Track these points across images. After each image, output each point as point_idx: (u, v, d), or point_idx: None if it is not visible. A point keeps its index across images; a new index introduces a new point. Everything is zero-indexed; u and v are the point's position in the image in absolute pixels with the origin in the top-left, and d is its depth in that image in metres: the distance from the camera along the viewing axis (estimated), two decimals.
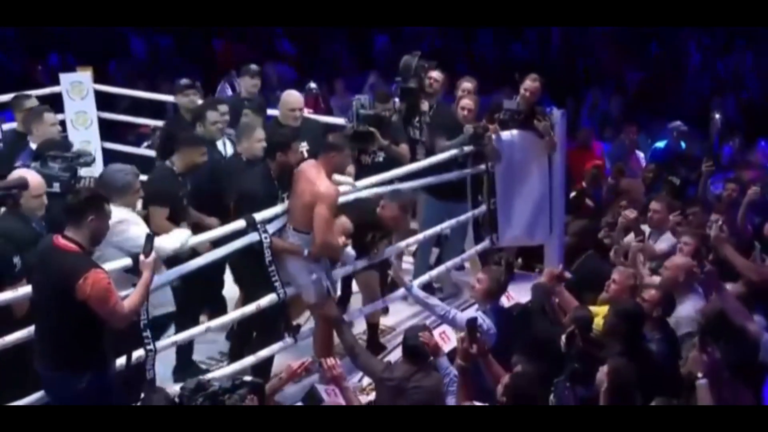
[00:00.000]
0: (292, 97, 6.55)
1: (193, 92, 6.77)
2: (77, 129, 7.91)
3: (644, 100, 10.58)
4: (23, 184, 4.57)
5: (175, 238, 4.82)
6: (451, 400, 4.63)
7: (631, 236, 6.28)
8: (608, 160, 8.65)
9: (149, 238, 4.35)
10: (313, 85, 9.03)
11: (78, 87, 8.02)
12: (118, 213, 4.56)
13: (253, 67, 7.22)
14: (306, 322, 5.79)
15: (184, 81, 6.88)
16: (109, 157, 8.15)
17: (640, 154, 8.88)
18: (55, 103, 7.96)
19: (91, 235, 4.15)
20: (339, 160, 5.31)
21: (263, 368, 5.31)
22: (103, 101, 8.44)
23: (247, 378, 4.33)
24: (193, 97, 6.74)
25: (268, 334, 5.42)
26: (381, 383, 4.76)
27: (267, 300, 5.26)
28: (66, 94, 7.99)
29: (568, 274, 5.53)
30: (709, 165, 6.83)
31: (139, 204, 5.24)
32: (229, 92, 9.46)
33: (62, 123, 8.01)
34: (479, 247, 6.86)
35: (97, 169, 7.62)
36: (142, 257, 4.31)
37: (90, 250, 4.18)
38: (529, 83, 6.70)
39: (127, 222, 4.66)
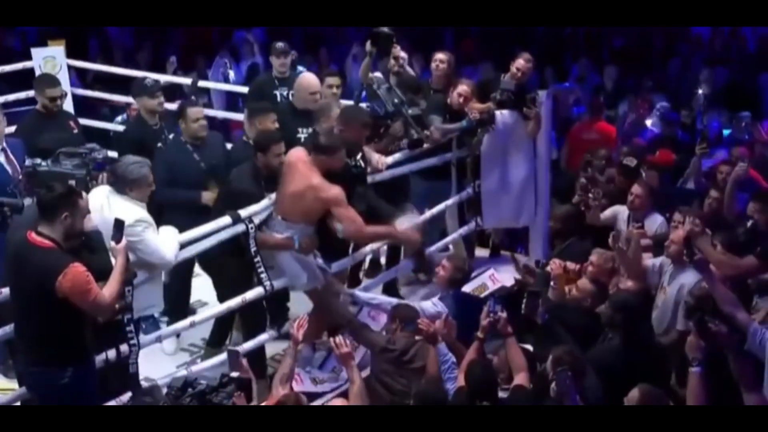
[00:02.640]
0: (311, 80, 6.17)
1: (161, 93, 6.25)
2: None
3: (630, 71, 10.32)
4: (17, 206, 4.64)
5: (171, 242, 4.74)
6: (450, 385, 4.70)
7: (610, 211, 6.28)
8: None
9: (119, 225, 4.31)
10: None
11: (51, 62, 7.75)
12: (134, 212, 4.56)
13: (279, 45, 6.89)
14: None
15: (149, 81, 6.31)
16: (85, 134, 7.97)
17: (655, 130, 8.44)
18: (28, 78, 7.75)
19: (65, 232, 4.13)
20: (329, 163, 5.16)
21: (258, 358, 5.32)
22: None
23: (234, 374, 4.36)
24: (161, 99, 6.22)
25: (255, 327, 5.38)
26: (382, 354, 4.84)
27: (253, 293, 5.21)
28: (39, 70, 7.70)
29: None
30: (703, 147, 6.67)
31: None
32: (229, 70, 9.24)
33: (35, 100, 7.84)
34: (463, 230, 6.80)
35: None
36: (113, 243, 4.28)
37: (64, 246, 4.13)
38: (523, 63, 6.57)
39: (143, 224, 4.59)
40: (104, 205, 4.61)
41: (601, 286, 5.34)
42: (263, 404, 4.42)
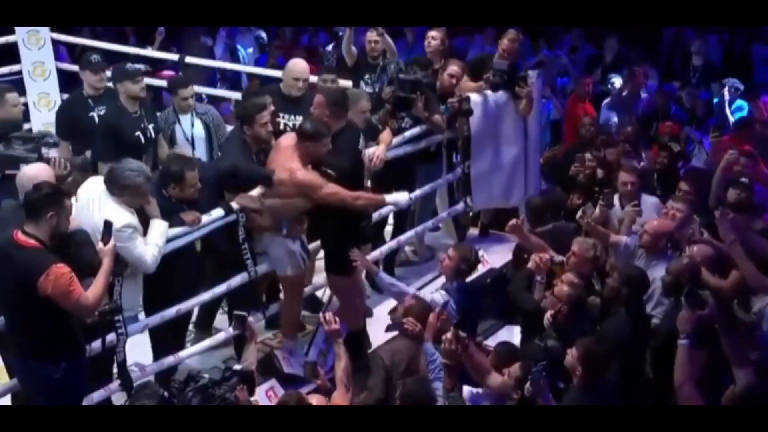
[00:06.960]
0: (298, 66, 6.06)
1: (143, 78, 6.04)
2: (35, 80, 7.57)
3: (624, 42, 10.04)
4: None
5: (158, 233, 4.71)
6: (438, 385, 4.65)
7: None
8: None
9: (108, 226, 4.31)
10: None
11: (35, 36, 7.64)
12: (122, 217, 4.52)
13: (95, 57, 6.32)
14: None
15: (131, 66, 6.05)
16: None
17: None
18: (11, 53, 7.63)
19: (51, 231, 4.13)
20: (314, 150, 5.03)
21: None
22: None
23: (237, 367, 4.45)
24: (143, 84, 5.97)
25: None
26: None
27: (238, 279, 5.22)
28: (22, 44, 7.62)
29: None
30: (716, 135, 6.57)
31: None
32: (238, 46, 9.04)
33: (19, 73, 7.72)
34: (452, 210, 6.78)
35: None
36: (100, 245, 4.28)
37: (50, 245, 4.14)
38: (507, 43, 6.51)
39: (129, 230, 4.54)
40: (95, 201, 4.57)
41: (578, 286, 5.11)
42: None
